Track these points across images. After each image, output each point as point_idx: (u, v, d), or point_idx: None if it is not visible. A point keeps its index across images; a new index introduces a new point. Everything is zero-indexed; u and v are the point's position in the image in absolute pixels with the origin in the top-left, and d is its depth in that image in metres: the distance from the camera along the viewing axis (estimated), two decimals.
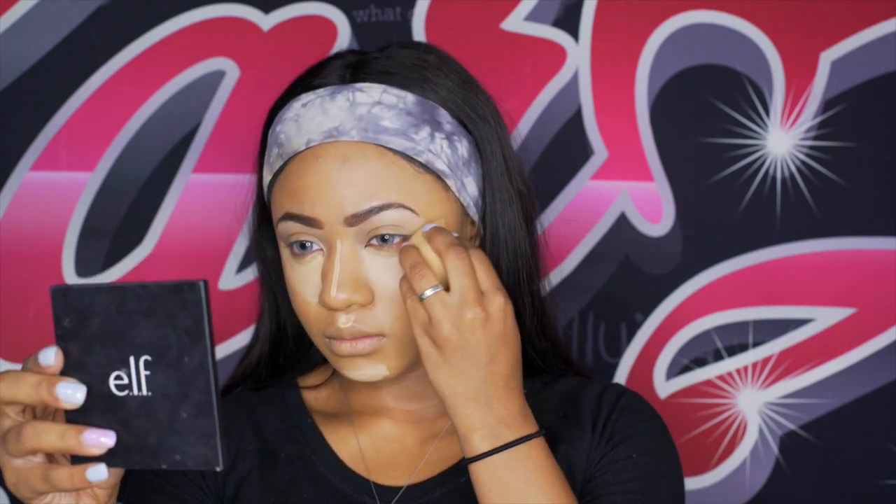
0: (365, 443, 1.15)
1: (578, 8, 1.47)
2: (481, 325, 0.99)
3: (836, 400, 1.48)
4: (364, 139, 1.06)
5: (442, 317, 1.00)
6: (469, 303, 0.99)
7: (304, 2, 1.48)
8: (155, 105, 1.48)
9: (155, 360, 0.87)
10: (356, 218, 1.05)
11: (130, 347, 0.87)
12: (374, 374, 1.09)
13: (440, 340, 1.00)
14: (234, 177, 1.45)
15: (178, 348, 0.86)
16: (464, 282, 1.00)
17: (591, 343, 1.49)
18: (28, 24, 1.48)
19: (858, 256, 1.47)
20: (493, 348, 1.00)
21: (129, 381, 0.87)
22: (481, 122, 1.12)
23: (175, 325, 0.86)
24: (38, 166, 1.49)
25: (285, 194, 1.08)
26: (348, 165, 1.05)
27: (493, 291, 1.01)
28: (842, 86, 1.46)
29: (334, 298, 1.05)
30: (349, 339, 1.07)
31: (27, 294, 1.49)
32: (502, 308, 1.00)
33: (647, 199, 1.48)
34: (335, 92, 1.08)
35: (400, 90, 1.08)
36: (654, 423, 1.15)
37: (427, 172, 1.08)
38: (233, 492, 1.13)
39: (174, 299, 0.86)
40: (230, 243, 1.49)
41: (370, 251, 1.06)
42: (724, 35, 1.46)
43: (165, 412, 0.87)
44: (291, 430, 1.16)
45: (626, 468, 1.09)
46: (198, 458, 0.87)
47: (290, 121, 1.09)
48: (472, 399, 1.01)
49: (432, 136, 1.08)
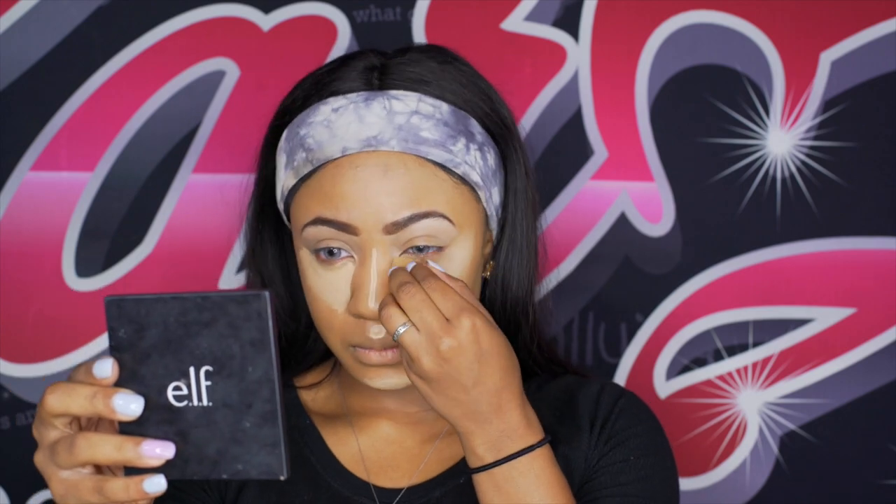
0: (364, 444, 1.15)
1: (578, 8, 1.47)
2: (455, 353, 0.99)
3: (836, 400, 1.48)
4: (404, 150, 1.05)
5: (417, 353, 0.99)
6: (436, 335, 0.99)
7: (304, 2, 1.48)
8: (155, 105, 1.48)
9: (216, 371, 0.86)
10: (396, 226, 1.05)
11: (190, 358, 0.87)
12: (398, 384, 1.09)
13: (423, 374, 1.00)
14: (234, 177, 1.45)
15: (241, 358, 0.86)
16: (424, 317, 0.99)
17: (591, 343, 1.49)
18: (28, 24, 1.48)
19: (858, 256, 1.47)
20: (473, 371, 0.99)
21: (189, 392, 0.87)
22: (506, 132, 1.13)
23: (239, 336, 0.85)
24: (38, 166, 1.48)
25: (316, 199, 1.07)
26: (389, 175, 1.05)
27: (457, 315, 0.99)
28: (842, 86, 1.46)
29: (370, 308, 1.04)
30: (379, 350, 1.07)
31: (27, 294, 1.49)
32: (471, 330, 0.99)
33: (647, 199, 1.48)
34: (369, 98, 1.07)
35: (435, 100, 1.08)
36: (651, 424, 1.15)
37: (463, 184, 1.08)
38: (235, 494, 1.13)
39: (238, 310, 0.85)
40: (230, 243, 1.49)
41: (403, 260, 1.06)
42: (724, 35, 1.46)
43: (227, 422, 0.86)
44: (290, 431, 1.16)
45: (623, 470, 1.10)
46: (261, 467, 0.86)
47: (320, 125, 1.08)
48: (470, 419, 1.01)
49: (468, 147, 1.08)
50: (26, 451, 0.95)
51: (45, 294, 1.49)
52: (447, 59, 1.12)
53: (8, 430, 1.49)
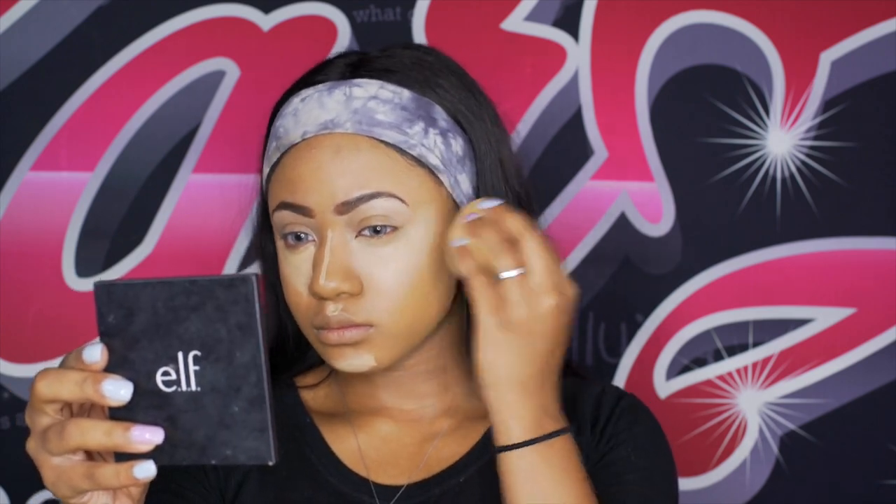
0: (364, 442, 1.16)
1: (578, 8, 1.47)
2: (555, 313, 0.99)
3: (836, 400, 1.48)
4: (358, 131, 1.07)
5: (518, 299, 0.98)
6: (548, 289, 0.98)
7: (304, 2, 1.48)
8: (155, 105, 1.48)
9: (204, 356, 0.86)
10: (346, 206, 1.06)
11: (178, 343, 0.86)
12: (361, 364, 1.09)
13: (510, 323, 0.99)
14: (235, 177, 1.46)
15: (228, 343, 0.85)
16: (546, 266, 0.98)
17: (591, 343, 1.49)
18: (28, 24, 1.48)
19: (858, 256, 1.47)
20: (557, 338, 1.00)
21: (177, 377, 0.86)
22: (477, 122, 1.12)
23: (226, 320, 0.85)
24: (38, 166, 1.49)
25: (280, 185, 1.09)
26: (341, 155, 1.06)
27: (567, 280, 1.00)
28: (842, 86, 1.46)
29: (323, 286, 1.05)
30: (337, 329, 1.07)
31: (27, 294, 1.49)
32: (574, 298, 1.00)
33: (647, 199, 1.48)
34: (333, 87, 1.09)
35: (397, 86, 1.09)
36: (651, 425, 1.15)
37: (420, 166, 1.08)
38: (234, 490, 1.13)
39: (225, 294, 0.85)
40: (230, 243, 1.49)
41: (361, 242, 1.07)
42: (724, 35, 1.46)
43: (215, 407, 0.86)
44: (290, 429, 1.16)
45: (624, 469, 1.10)
46: (249, 451, 0.86)
47: (289, 115, 1.10)
48: (522, 385, 1.00)
49: (426, 131, 1.09)
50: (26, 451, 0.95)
51: (45, 294, 1.49)
52: (427, 54, 1.13)
53: (8, 430, 1.49)
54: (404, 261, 1.07)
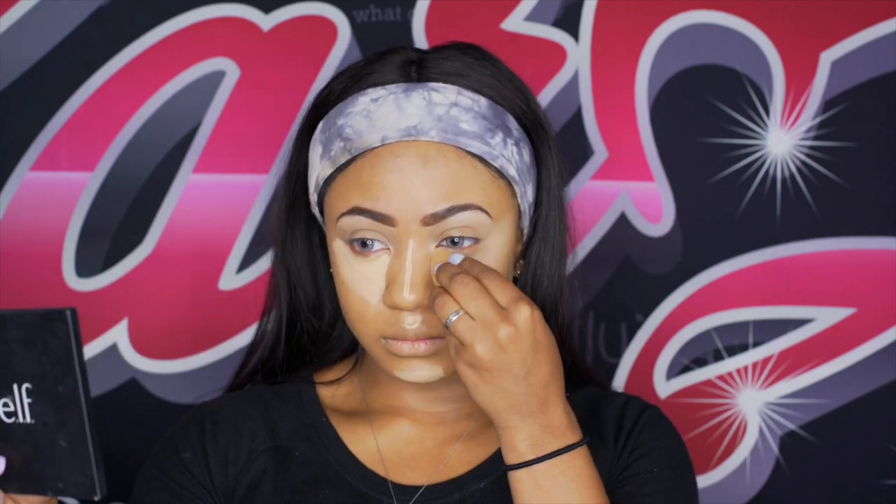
0: (383, 443, 1.15)
1: (578, 8, 1.47)
2: (512, 341, 0.98)
3: (836, 400, 1.48)
4: (444, 140, 1.06)
5: (472, 339, 0.99)
6: (493, 322, 0.98)
7: (304, 2, 1.48)
8: (155, 105, 1.48)
9: (35, 389, 0.87)
10: (434, 218, 1.05)
11: (13, 375, 0.87)
12: (432, 376, 1.08)
13: (475, 362, 0.99)
14: (235, 177, 1.46)
15: (52, 377, 0.86)
16: (480, 305, 0.99)
17: (591, 343, 1.49)
18: (28, 24, 1.48)
19: (858, 256, 1.47)
20: (527, 361, 0.99)
21: (15, 409, 0.87)
22: (541, 130, 1.13)
23: (49, 354, 0.86)
24: (38, 166, 1.48)
25: (354, 189, 1.06)
26: (429, 165, 1.05)
27: (515, 304, 0.99)
28: (842, 86, 1.46)
29: (406, 299, 1.04)
30: (412, 341, 1.06)
31: (27, 294, 1.48)
32: (529, 318, 0.99)
33: (647, 199, 1.48)
34: (409, 90, 1.07)
35: (473, 93, 1.08)
36: (674, 438, 1.15)
37: (500, 178, 1.08)
38: (245, 491, 1.12)
39: (46, 327, 0.85)
40: (230, 243, 1.49)
41: (440, 253, 1.06)
42: (724, 35, 1.46)
43: (46, 440, 0.87)
44: (306, 428, 1.15)
45: (647, 481, 1.10)
46: (77, 486, 0.87)
47: (359, 115, 1.07)
48: (515, 412, 1.01)
49: (505, 141, 1.08)
50: None
51: (45, 294, 1.49)
52: (484, 56, 1.12)
53: None
54: None
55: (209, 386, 1.31)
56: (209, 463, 1.13)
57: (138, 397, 1.50)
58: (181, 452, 1.13)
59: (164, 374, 1.50)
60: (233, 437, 1.14)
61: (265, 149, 1.47)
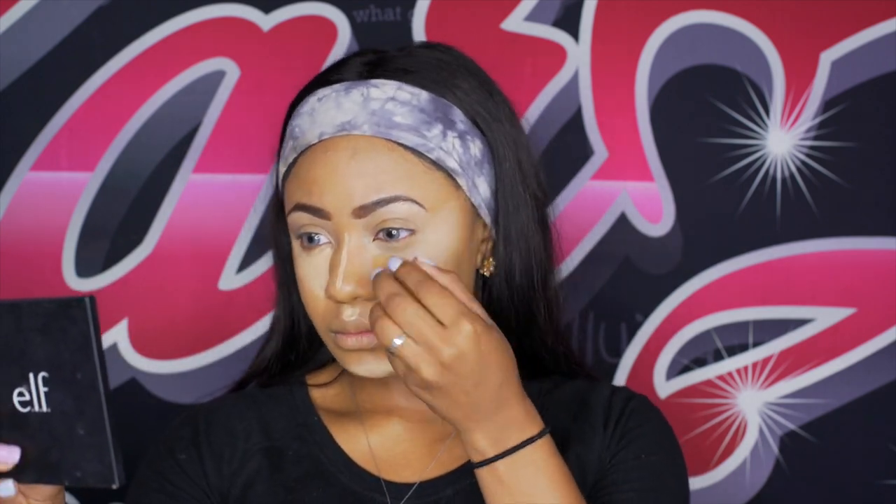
0: (375, 441, 1.15)
1: (578, 8, 1.47)
2: (457, 361, 0.98)
3: (836, 400, 1.48)
4: (375, 133, 1.06)
5: (416, 364, 0.99)
6: (436, 346, 0.98)
7: (304, 2, 1.48)
8: (155, 105, 1.48)
9: (52, 377, 0.87)
10: (364, 210, 1.05)
11: (29, 364, 0.87)
12: (380, 370, 1.08)
13: (423, 384, 1.00)
14: (235, 177, 1.46)
15: (71, 364, 0.86)
16: (421, 329, 0.98)
17: (591, 343, 1.49)
18: (28, 24, 1.48)
19: (858, 256, 1.47)
20: (475, 374, 0.99)
21: (31, 398, 0.88)
22: (495, 124, 1.12)
23: (67, 342, 0.86)
24: (38, 166, 1.49)
25: (296, 186, 1.08)
26: (357, 158, 1.06)
27: (456, 323, 0.98)
28: (842, 86, 1.46)
29: (340, 290, 1.05)
30: (354, 334, 1.07)
31: (27, 294, 1.48)
32: (471, 335, 0.98)
33: (648, 199, 1.48)
34: (350, 87, 1.09)
35: (414, 87, 1.09)
36: (660, 425, 1.15)
37: (437, 170, 1.08)
38: (240, 491, 1.13)
39: (64, 315, 0.86)
40: (230, 243, 1.49)
41: (378, 245, 1.06)
42: (724, 35, 1.46)
43: (63, 429, 0.87)
44: (299, 428, 1.16)
45: (634, 468, 1.10)
46: (95, 475, 0.87)
47: (306, 115, 1.10)
48: (470, 419, 1.01)
49: (444, 133, 1.08)
50: None
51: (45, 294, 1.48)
52: (444, 52, 1.13)
53: None
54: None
55: (209, 386, 1.31)
56: (204, 463, 1.13)
57: (138, 397, 1.50)
58: (176, 453, 1.13)
59: (164, 374, 1.50)
60: (227, 437, 1.14)
61: (265, 149, 1.45)
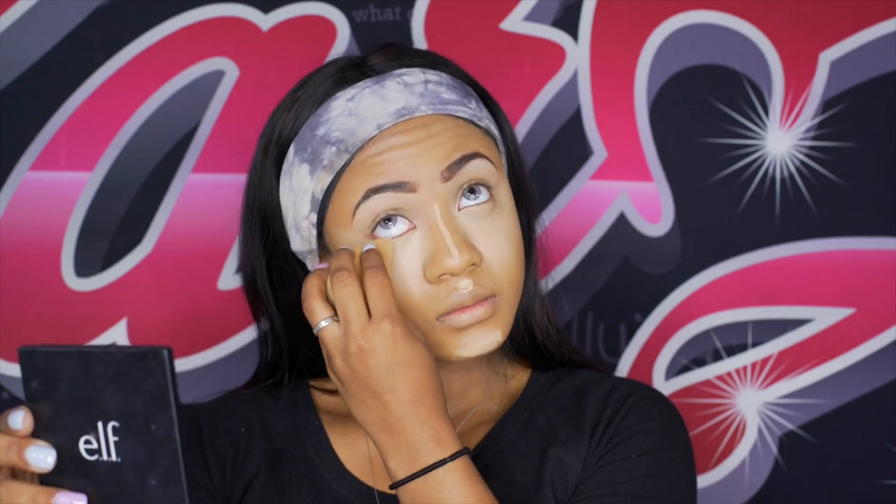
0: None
1: (578, 8, 1.47)
2: (367, 356, 0.98)
3: (835, 400, 1.48)
4: (434, 112, 1.07)
5: (332, 350, 0.99)
6: (352, 335, 0.98)
7: (304, 2, 1.48)
8: (155, 105, 1.49)
9: (122, 427, 0.86)
10: (450, 170, 1.05)
11: (98, 413, 0.86)
12: (492, 342, 1.06)
13: (336, 373, 1.00)
14: (234, 177, 1.46)
15: (144, 415, 0.85)
16: (349, 312, 0.99)
17: (591, 343, 1.49)
18: (28, 24, 1.48)
19: (858, 256, 1.47)
20: (385, 378, 0.99)
21: (99, 446, 0.87)
22: (496, 107, 1.15)
23: (141, 392, 0.85)
24: (37, 166, 1.49)
25: (361, 178, 1.05)
26: (430, 130, 1.06)
27: (379, 319, 0.98)
28: (841, 86, 1.46)
29: (458, 260, 1.03)
30: (471, 306, 1.05)
31: (27, 294, 1.49)
32: (389, 336, 0.98)
33: (647, 199, 1.48)
34: (380, 80, 1.08)
35: (435, 70, 1.10)
36: (663, 421, 1.11)
37: (489, 136, 1.10)
38: (240, 494, 1.13)
39: (139, 367, 0.85)
40: (230, 243, 1.49)
41: (464, 214, 1.06)
42: (724, 35, 1.46)
43: (134, 479, 0.86)
44: (298, 430, 1.15)
45: (622, 469, 1.06)
46: None
47: (342, 117, 1.07)
48: (380, 427, 1.00)
49: (480, 107, 1.11)
50: None
51: (45, 294, 1.49)
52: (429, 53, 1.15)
53: None
54: (507, 226, 1.07)
55: (208, 386, 1.31)
56: (208, 465, 1.13)
57: None
58: None
59: None
60: (229, 439, 1.14)
61: None
